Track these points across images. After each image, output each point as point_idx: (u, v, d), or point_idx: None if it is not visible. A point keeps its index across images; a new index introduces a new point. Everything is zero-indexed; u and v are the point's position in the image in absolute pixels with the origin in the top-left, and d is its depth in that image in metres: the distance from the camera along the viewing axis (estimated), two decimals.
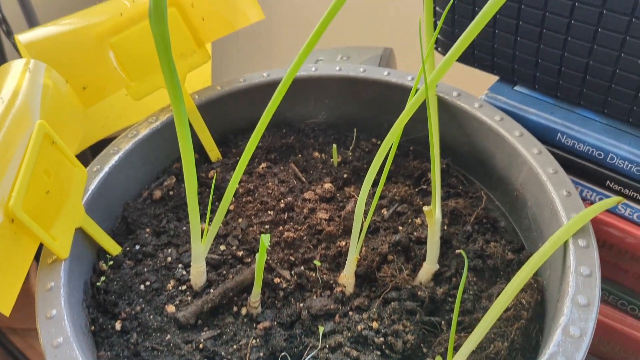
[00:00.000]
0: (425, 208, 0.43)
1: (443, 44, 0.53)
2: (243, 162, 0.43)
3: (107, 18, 0.48)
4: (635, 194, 0.45)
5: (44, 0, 0.92)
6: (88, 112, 0.62)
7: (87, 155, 0.90)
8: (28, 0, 0.77)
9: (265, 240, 0.38)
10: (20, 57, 0.47)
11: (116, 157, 0.48)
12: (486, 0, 0.34)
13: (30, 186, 0.37)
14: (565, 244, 0.39)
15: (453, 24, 0.50)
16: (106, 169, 0.47)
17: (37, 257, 0.40)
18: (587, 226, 0.39)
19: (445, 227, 0.48)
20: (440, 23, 0.39)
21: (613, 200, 0.41)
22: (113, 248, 0.46)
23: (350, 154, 0.56)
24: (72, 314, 0.38)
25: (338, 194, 0.53)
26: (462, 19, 0.49)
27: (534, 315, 0.41)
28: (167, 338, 0.41)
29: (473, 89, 0.51)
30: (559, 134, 0.47)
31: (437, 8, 0.49)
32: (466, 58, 0.52)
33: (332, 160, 0.55)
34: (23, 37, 0.46)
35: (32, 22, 0.80)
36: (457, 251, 0.47)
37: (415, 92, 0.43)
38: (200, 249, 0.44)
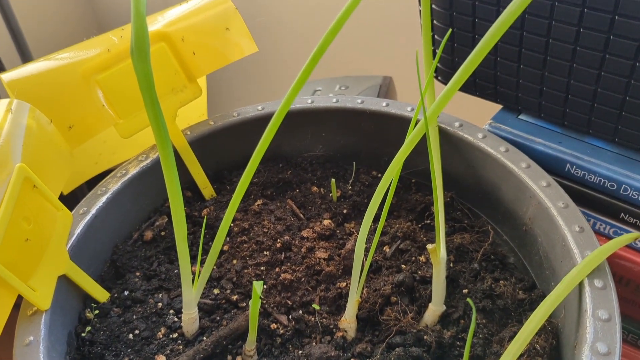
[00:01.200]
0: (429, 246, 0.41)
1: (443, 73, 0.51)
2: (236, 199, 0.41)
3: (94, 55, 0.46)
4: None
5: (38, 37, 0.91)
6: (80, 149, 0.60)
7: (84, 190, 0.88)
8: (22, 38, 0.76)
9: (257, 287, 0.36)
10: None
11: (104, 199, 0.45)
12: (486, 28, 0.33)
13: (8, 235, 0.35)
14: (581, 285, 0.36)
15: (453, 52, 0.48)
16: (93, 211, 0.44)
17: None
18: (603, 265, 0.37)
19: (451, 265, 0.46)
20: (439, 52, 0.37)
21: (630, 236, 0.38)
22: (101, 295, 0.43)
23: (349, 188, 0.53)
24: None
25: (337, 231, 0.50)
26: (462, 47, 0.47)
27: None
28: None
29: (475, 117, 0.49)
30: (568, 165, 0.45)
31: (435, 36, 0.48)
32: (468, 87, 0.50)
33: (331, 194, 0.53)
34: (6, 76, 0.44)
35: (25, 58, 0.79)
36: (465, 291, 0.44)
37: (415, 124, 0.41)
38: (191, 295, 0.41)
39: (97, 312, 0.42)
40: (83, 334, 0.41)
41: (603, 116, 0.43)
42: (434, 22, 0.47)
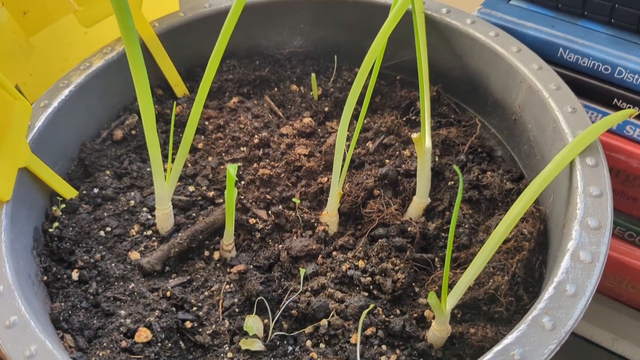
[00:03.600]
0: (413, 135, 0.39)
1: None
2: (203, 89, 0.38)
3: None
4: None
5: None
6: (44, 54, 0.56)
7: None
8: None
9: (232, 170, 0.33)
10: None
11: (66, 91, 0.42)
12: None
13: None
14: (572, 164, 0.35)
15: None
16: (55, 104, 0.41)
17: None
18: (596, 143, 0.35)
19: (437, 158, 0.44)
20: None
21: (623, 113, 0.37)
22: (67, 191, 0.41)
23: (331, 85, 0.51)
24: (16, 261, 0.33)
25: (319, 129, 0.48)
26: None
27: (537, 246, 0.37)
28: (130, 287, 0.37)
29: (464, 5, 0.46)
30: (561, 49, 0.42)
31: None
32: None
33: (311, 93, 0.50)
34: None
35: None
36: (451, 183, 0.43)
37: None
38: (164, 189, 0.39)
39: (63, 206, 0.40)
40: (50, 230, 0.39)
41: None
42: None
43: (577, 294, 0.28)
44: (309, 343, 0.35)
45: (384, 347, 0.34)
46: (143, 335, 0.34)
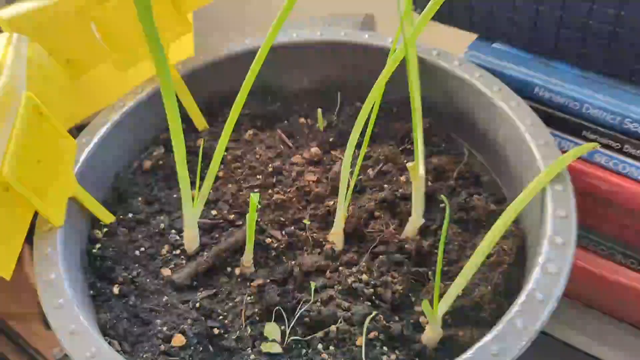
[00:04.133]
0: (409, 164, 0.45)
1: (422, 4, 0.54)
2: (228, 128, 0.44)
3: None
4: (610, 142, 0.46)
5: None
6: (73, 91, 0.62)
7: (74, 134, 0.91)
8: None
9: (254, 198, 0.39)
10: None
11: (104, 129, 0.48)
12: None
13: (22, 156, 0.38)
14: (543, 190, 0.40)
15: None
16: (95, 140, 0.47)
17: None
18: (564, 172, 0.41)
19: (430, 183, 0.50)
20: None
21: (588, 146, 0.43)
22: (106, 217, 0.47)
23: (335, 118, 0.57)
24: (70, 277, 0.39)
25: (325, 157, 0.54)
26: None
27: (516, 261, 0.43)
28: (164, 299, 0.43)
29: (452, 47, 0.52)
30: (536, 87, 0.48)
31: None
32: (445, 18, 0.53)
33: (317, 125, 0.56)
34: (3, 13, 0.46)
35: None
36: (442, 205, 0.48)
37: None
38: (191, 213, 0.45)
39: (106, 230, 0.46)
40: (94, 251, 0.44)
41: (568, 41, 0.47)
42: None
43: (545, 300, 0.34)
44: (320, 346, 0.40)
45: (385, 348, 0.40)
46: (178, 340, 0.40)
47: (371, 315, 0.40)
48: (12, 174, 0.36)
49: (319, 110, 0.55)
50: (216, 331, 0.41)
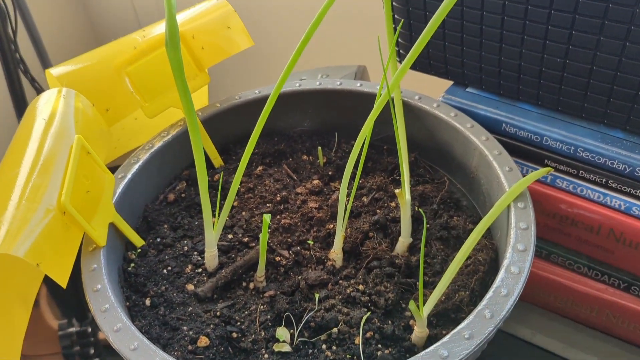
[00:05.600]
0: (397, 191, 0.53)
1: (403, 56, 0.63)
2: (242, 165, 0.53)
3: (123, 51, 0.57)
4: (568, 169, 0.55)
5: (53, 43, 1.02)
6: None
7: None
8: (41, 43, 0.87)
9: (267, 218, 0.47)
10: (40, 92, 0.56)
11: (136, 166, 0.57)
12: (436, 6, 0.44)
13: (75, 187, 0.46)
14: (508, 207, 0.48)
15: (411, 39, 0.60)
16: (129, 176, 0.56)
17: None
18: (525, 192, 0.49)
19: (416, 208, 0.58)
20: (396, 34, 0.49)
21: (543, 170, 0.51)
22: (138, 241, 0.54)
23: (333, 155, 0.65)
24: (112, 288, 0.46)
25: (325, 188, 0.62)
26: (418, 23, 0.58)
27: (490, 270, 0.50)
28: (189, 310, 0.50)
29: (432, 92, 0.61)
30: (504, 124, 0.57)
31: (395, 16, 0.59)
32: (424, 67, 0.62)
33: (318, 161, 0.65)
34: (55, 71, 0.55)
35: (45, 62, 0.89)
36: (427, 226, 0.56)
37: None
38: (212, 236, 0.53)
39: (139, 251, 0.53)
40: (129, 269, 0.52)
41: (528, 85, 0.56)
42: (395, 15, 0.59)
43: (508, 294, 0.41)
44: (324, 346, 0.47)
45: (379, 345, 0.46)
46: (203, 341, 0.46)
47: (367, 315, 0.47)
48: (69, 201, 0.44)
49: (319, 148, 0.64)
50: (235, 335, 0.48)
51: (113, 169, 0.57)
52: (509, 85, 0.57)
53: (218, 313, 0.49)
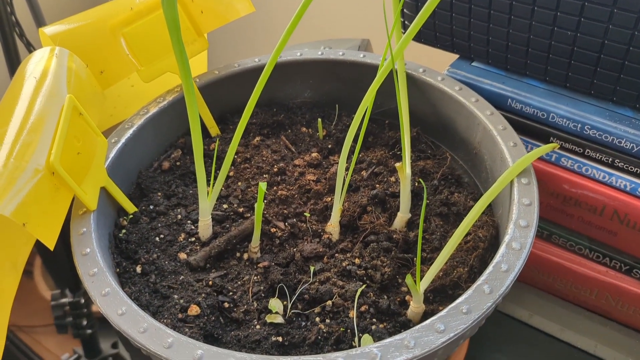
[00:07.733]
0: (397, 164, 0.51)
1: (409, 20, 0.61)
2: (238, 133, 0.51)
3: (120, 12, 0.55)
4: (574, 147, 0.53)
5: (49, 4, 1.00)
6: None
7: None
8: (36, 4, 0.85)
9: (262, 187, 0.46)
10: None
11: (130, 131, 0.55)
12: None
13: (65, 148, 0.45)
14: (511, 183, 0.47)
15: (416, 9, 0.58)
16: (122, 140, 0.54)
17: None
18: (529, 168, 0.47)
19: (416, 184, 0.56)
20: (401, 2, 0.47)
21: (549, 146, 0.49)
22: (130, 207, 0.53)
23: (333, 127, 0.64)
24: (102, 253, 0.45)
25: (324, 162, 0.60)
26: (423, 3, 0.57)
27: (489, 247, 0.49)
28: (180, 278, 0.49)
29: (437, 66, 0.60)
30: (509, 100, 0.55)
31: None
32: (430, 39, 0.61)
33: (318, 133, 0.63)
34: (49, 30, 0.53)
35: (40, 24, 0.87)
36: (427, 202, 0.55)
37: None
38: (206, 205, 0.51)
39: (131, 217, 0.52)
40: (120, 235, 0.51)
41: (535, 59, 0.54)
42: None
43: (508, 270, 0.40)
44: (317, 319, 0.46)
45: (374, 320, 0.45)
46: (194, 310, 0.45)
47: (362, 288, 0.46)
48: (58, 161, 0.43)
49: (319, 120, 0.62)
50: (226, 305, 0.47)
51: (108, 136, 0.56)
52: (516, 59, 0.55)
53: (210, 282, 0.48)
